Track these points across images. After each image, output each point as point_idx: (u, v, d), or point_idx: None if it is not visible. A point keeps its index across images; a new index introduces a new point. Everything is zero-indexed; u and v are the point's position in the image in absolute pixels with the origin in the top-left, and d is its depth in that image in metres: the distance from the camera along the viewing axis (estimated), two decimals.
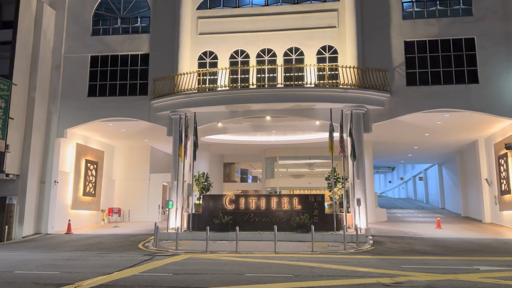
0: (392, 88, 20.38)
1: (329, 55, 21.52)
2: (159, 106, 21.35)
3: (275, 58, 21.81)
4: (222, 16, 22.50)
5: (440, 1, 21.18)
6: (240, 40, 22.10)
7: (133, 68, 22.73)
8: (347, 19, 21.28)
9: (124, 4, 23.57)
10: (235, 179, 37.81)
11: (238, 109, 20.71)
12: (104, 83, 22.78)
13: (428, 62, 20.62)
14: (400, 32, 21.03)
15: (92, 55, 23.14)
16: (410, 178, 55.35)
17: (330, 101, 19.75)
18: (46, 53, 22.85)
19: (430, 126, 22.54)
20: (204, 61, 22.32)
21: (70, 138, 23.37)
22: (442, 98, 19.85)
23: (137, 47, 22.83)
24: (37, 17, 22.56)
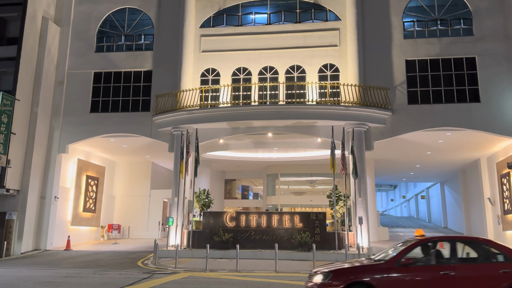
0: (394, 106, 20.42)
1: (330, 73, 21.65)
2: (161, 122, 21.42)
3: (277, 75, 21.95)
4: (225, 34, 22.74)
5: (441, 21, 21.39)
6: (243, 58, 22.28)
7: (136, 85, 22.86)
8: (349, 38, 21.48)
9: (128, 22, 23.88)
10: (236, 196, 37.66)
11: (240, 125, 20.75)
12: (107, 99, 22.89)
13: (430, 81, 20.70)
14: (401, 51, 21.18)
15: (96, 71, 23.31)
16: (412, 196, 55.03)
17: (331, 119, 19.77)
18: (50, 69, 23.07)
19: (432, 144, 22.51)
20: (207, 78, 22.46)
21: (72, 154, 23.40)
22: (444, 117, 19.87)
23: (140, 64, 23.02)
24: (42, 34, 22.83)
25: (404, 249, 7.84)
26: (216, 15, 23.10)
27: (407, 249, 7.82)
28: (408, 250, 7.79)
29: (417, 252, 7.88)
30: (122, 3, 23.95)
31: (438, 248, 7.87)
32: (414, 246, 7.91)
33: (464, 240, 8.70)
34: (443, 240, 8.14)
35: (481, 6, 20.95)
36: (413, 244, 7.96)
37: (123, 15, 24.00)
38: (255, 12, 22.92)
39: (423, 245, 8.01)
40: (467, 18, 21.14)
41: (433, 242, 8.07)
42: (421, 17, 21.56)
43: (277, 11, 22.72)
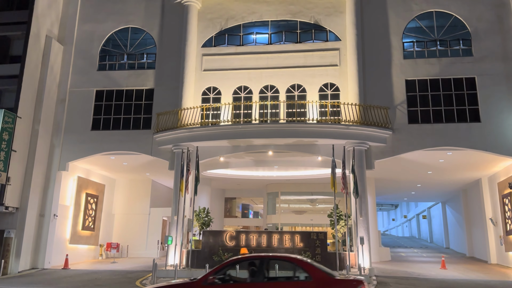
0: (394, 126, 20.47)
1: (331, 92, 21.75)
2: (162, 140, 21.45)
3: (277, 94, 22.05)
4: (226, 53, 22.96)
5: (441, 42, 21.61)
6: (244, 77, 22.44)
7: (138, 103, 22.99)
8: (349, 58, 21.66)
9: (131, 41, 24.16)
10: (236, 214, 37.42)
11: (241, 144, 20.75)
12: (108, 117, 22.99)
13: (430, 101, 20.80)
14: (401, 71, 21.34)
15: (98, 90, 23.48)
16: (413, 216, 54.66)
17: (332, 137, 19.79)
18: (52, 86, 23.25)
19: (433, 164, 22.48)
20: (208, 96, 22.58)
21: (72, 171, 23.36)
22: (444, 137, 19.89)
23: (142, 82, 23.19)
24: (45, 52, 23.09)
25: (214, 269, 8.11)
26: (217, 35, 23.38)
27: (216, 269, 8.08)
28: (217, 270, 8.03)
29: (233, 270, 8.08)
30: (125, 22, 24.27)
31: (252, 266, 8.07)
32: (224, 265, 8.15)
33: (273, 258, 8.97)
34: (253, 259, 8.35)
35: (479, 27, 21.21)
36: (224, 263, 8.21)
37: (126, 34, 24.29)
38: (256, 32, 23.19)
39: (237, 263, 8.31)
40: (466, 39, 21.38)
41: (245, 261, 8.39)
42: (421, 37, 21.81)
43: (278, 31, 22.99)
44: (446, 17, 21.79)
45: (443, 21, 21.77)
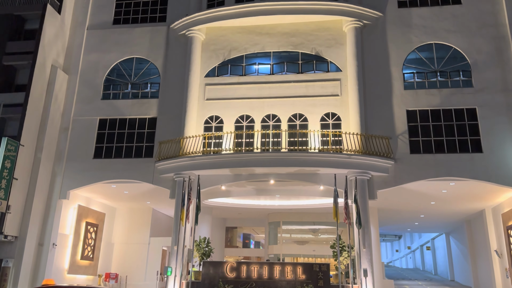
0: (396, 156, 20.48)
1: (332, 122, 21.88)
2: (164, 168, 21.47)
3: (279, 123, 22.20)
4: (229, 83, 23.27)
5: (441, 73, 21.89)
6: (246, 106, 22.67)
7: (140, 131, 23.17)
8: (350, 88, 21.91)
9: (135, 71, 24.57)
10: (237, 244, 36.90)
11: (242, 172, 20.74)
12: (111, 145, 23.12)
13: (431, 131, 20.89)
14: (402, 101, 21.53)
15: (101, 118, 23.71)
16: (417, 247, 53.80)
17: (334, 167, 19.80)
18: (56, 115, 23.49)
19: (436, 194, 22.35)
20: (210, 125, 22.75)
21: (73, 200, 23.27)
22: (447, 167, 19.87)
23: (145, 111, 23.44)
24: (50, 81, 23.46)
25: None
26: (220, 65, 23.77)
27: None
28: None
29: None
30: (130, 53, 24.76)
31: None
32: None
33: None
34: None
35: (479, 59, 21.52)
36: None
37: (130, 64, 24.74)
38: (258, 63, 23.58)
39: None
40: (466, 70, 21.65)
41: None
42: (421, 69, 22.12)
43: (280, 62, 23.37)
44: (445, 49, 22.16)
45: (443, 53, 22.12)
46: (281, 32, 23.70)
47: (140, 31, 25.09)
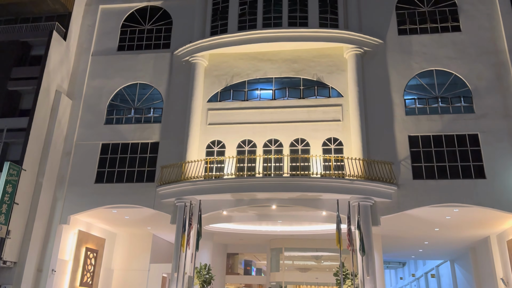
0: (399, 181, 20.40)
1: (334, 147, 21.91)
2: (165, 193, 21.43)
3: (281, 148, 22.22)
4: (231, 108, 23.44)
5: (442, 99, 22.03)
6: (248, 131, 22.77)
7: (142, 156, 23.24)
8: (351, 113, 22.02)
9: (138, 96, 24.85)
10: (238, 271, 36.34)
11: (244, 197, 20.67)
12: (113, 170, 23.16)
13: (434, 157, 20.85)
14: (404, 127, 21.60)
15: (104, 143, 23.83)
16: (422, 275, 52.85)
17: (336, 192, 19.75)
18: (59, 140, 23.62)
19: (440, 221, 22.14)
20: (212, 149, 22.80)
21: (73, 225, 23.11)
22: (450, 193, 19.77)
23: (148, 135, 23.56)
24: (54, 107, 23.70)
25: None
26: (223, 90, 24.02)
27: None
28: None
29: None
30: (133, 79, 25.08)
31: None
32: None
33: None
34: None
35: (480, 85, 21.70)
36: None
37: (134, 89, 25.01)
38: (260, 88, 23.82)
39: None
40: (467, 96, 21.79)
41: None
42: (422, 94, 22.29)
43: (282, 88, 23.60)
44: (446, 75, 22.36)
45: (444, 79, 22.31)
46: (283, 58, 24.02)
47: (144, 57, 25.49)
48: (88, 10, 27.33)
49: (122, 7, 27.18)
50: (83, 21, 27.10)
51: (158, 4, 26.86)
